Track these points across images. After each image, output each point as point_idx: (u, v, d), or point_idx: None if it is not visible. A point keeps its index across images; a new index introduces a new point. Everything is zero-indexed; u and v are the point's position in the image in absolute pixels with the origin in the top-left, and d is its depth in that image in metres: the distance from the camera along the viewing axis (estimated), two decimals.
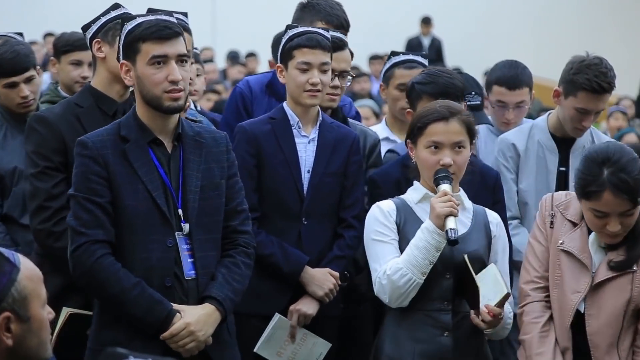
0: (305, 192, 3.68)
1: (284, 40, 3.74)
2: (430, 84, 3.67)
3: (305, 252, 3.67)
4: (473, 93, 3.99)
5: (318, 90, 3.67)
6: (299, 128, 3.73)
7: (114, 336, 3.09)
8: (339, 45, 3.90)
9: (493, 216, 3.39)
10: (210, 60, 11.21)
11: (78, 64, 4.45)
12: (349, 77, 3.97)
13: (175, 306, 3.09)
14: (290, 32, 3.73)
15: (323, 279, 3.65)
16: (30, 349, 2.27)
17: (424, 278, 3.18)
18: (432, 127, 3.25)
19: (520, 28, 15.94)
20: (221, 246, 3.22)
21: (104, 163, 3.10)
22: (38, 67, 4.22)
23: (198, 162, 3.18)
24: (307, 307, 3.64)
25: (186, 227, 3.13)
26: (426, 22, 15.27)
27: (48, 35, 12.87)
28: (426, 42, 15.24)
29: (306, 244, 3.68)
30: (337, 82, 3.89)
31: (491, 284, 3.19)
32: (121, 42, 3.17)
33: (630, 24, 16.14)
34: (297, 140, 3.73)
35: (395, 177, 3.53)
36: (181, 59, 3.14)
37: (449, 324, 3.22)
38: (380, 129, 4.39)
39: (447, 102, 3.36)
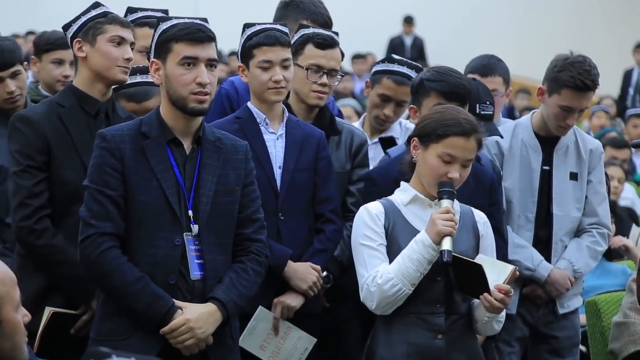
0: (279, 187, 3.69)
1: (242, 40, 3.74)
2: (441, 82, 3.65)
3: (286, 246, 3.66)
4: (487, 102, 3.93)
5: (282, 87, 3.67)
6: (267, 125, 3.73)
7: (114, 327, 3.12)
8: (329, 44, 3.88)
9: (480, 215, 3.38)
10: None
11: (59, 62, 4.44)
12: (338, 77, 3.94)
13: (177, 303, 3.11)
14: (248, 31, 3.72)
15: (306, 273, 3.65)
16: (2, 352, 2.24)
17: (413, 289, 3.17)
18: (453, 140, 3.19)
19: (504, 27, 15.97)
20: (233, 253, 3.23)
21: (120, 157, 3.13)
22: (25, 63, 4.21)
23: (215, 166, 3.20)
24: (291, 299, 3.64)
25: (195, 228, 3.15)
26: (409, 21, 15.28)
27: (29, 33, 12.79)
28: (408, 41, 15.25)
29: (286, 240, 3.67)
30: (325, 79, 3.86)
31: (490, 268, 3.19)
32: (154, 41, 3.21)
33: (613, 24, 16.22)
34: (265, 136, 3.73)
35: (394, 176, 3.50)
36: (211, 63, 3.17)
37: (443, 326, 3.21)
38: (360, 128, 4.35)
39: (469, 116, 3.30)
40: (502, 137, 4.13)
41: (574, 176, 4.23)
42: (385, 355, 3.23)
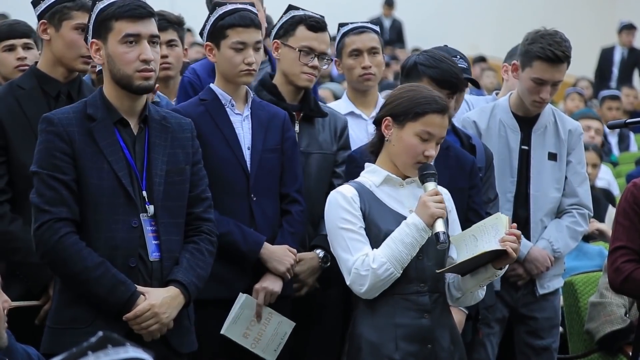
0: (249, 168, 3.65)
1: (213, 19, 3.67)
2: (435, 69, 3.64)
3: (259, 228, 3.64)
4: (458, 56, 3.94)
5: (254, 69, 3.64)
6: (232, 106, 3.70)
7: (75, 315, 3.06)
8: (321, 27, 3.86)
9: (444, 191, 3.33)
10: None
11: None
12: (327, 60, 3.91)
13: (139, 288, 3.07)
14: (220, 10, 3.67)
15: (283, 255, 3.62)
16: None
17: (402, 272, 3.17)
18: (430, 117, 3.17)
19: (482, 9, 15.98)
20: (184, 232, 3.20)
21: (69, 140, 3.06)
22: (39, 53, 4.24)
23: (164, 146, 3.17)
24: (273, 284, 3.61)
25: (151, 208, 3.11)
26: (389, 4, 15.29)
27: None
28: (387, 23, 15.25)
29: (259, 220, 3.65)
30: (316, 62, 3.84)
31: (483, 234, 3.17)
32: (91, 21, 3.14)
33: (592, 6, 16.26)
34: (232, 118, 3.69)
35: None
36: (153, 40, 3.12)
37: (428, 305, 3.20)
38: (343, 104, 4.30)
39: (439, 94, 3.29)
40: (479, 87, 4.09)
41: (552, 156, 4.24)
42: (373, 339, 3.19)
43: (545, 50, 4.03)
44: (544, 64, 4.05)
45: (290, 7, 3.94)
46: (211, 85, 3.74)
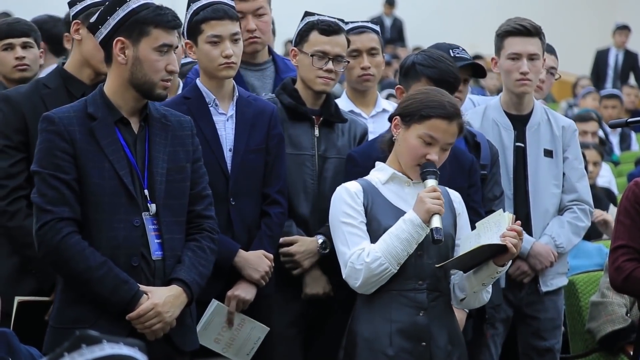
0: (229, 171, 3.62)
1: (188, 15, 3.66)
2: (433, 69, 3.63)
3: (236, 234, 3.60)
4: (460, 48, 3.94)
5: (233, 62, 3.61)
6: (216, 106, 3.67)
7: (78, 315, 3.06)
8: (334, 30, 3.82)
9: (455, 195, 3.39)
10: None
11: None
12: (344, 63, 3.88)
13: (142, 287, 3.07)
14: (194, 6, 3.65)
15: (258, 262, 3.59)
16: None
17: (398, 268, 3.17)
18: (435, 121, 3.18)
19: (482, 8, 15.98)
20: (186, 230, 3.20)
21: (70, 140, 3.06)
22: (41, 51, 4.29)
23: (164, 144, 3.17)
24: (245, 292, 3.58)
25: (153, 207, 3.11)
26: (390, 3, 15.31)
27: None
28: (388, 22, 15.27)
29: (237, 225, 3.61)
30: (330, 66, 3.79)
31: (486, 230, 3.17)
32: (118, 16, 3.11)
33: (592, 5, 16.26)
34: (215, 118, 3.65)
35: (375, 156, 3.46)
36: (174, 49, 3.16)
37: (424, 302, 3.21)
38: (343, 103, 4.27)
39: (453, 100, 3.30)
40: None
41: (548, 153, 4.26)
42: (367, 334, 3.22)
43: (512, 25, 4.16)
44: (514, 38, 4.15)
45: (307, 14, 3.92)
46: (197, 81, 3.71)
